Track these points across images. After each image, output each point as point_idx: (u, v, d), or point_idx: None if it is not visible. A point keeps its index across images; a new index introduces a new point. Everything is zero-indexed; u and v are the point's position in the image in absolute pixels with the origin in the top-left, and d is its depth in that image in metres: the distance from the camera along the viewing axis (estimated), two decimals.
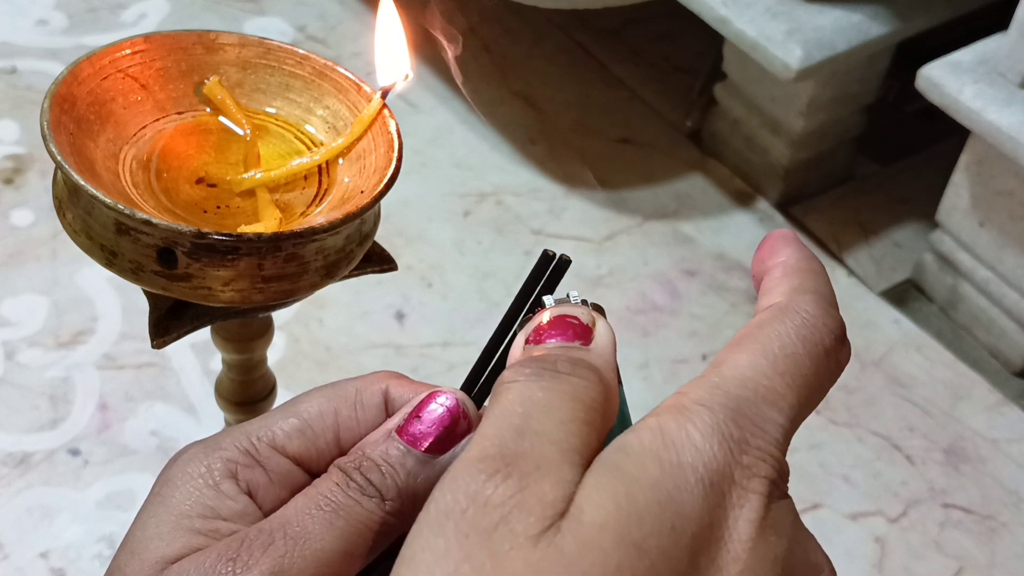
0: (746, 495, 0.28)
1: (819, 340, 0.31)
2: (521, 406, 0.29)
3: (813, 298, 0.32)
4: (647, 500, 0.27)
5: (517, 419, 0.28)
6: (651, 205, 1.24)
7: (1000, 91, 1.00)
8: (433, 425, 0.34)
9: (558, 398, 0.29)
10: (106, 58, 0.47)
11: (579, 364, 0.30)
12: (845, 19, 1.09)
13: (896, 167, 1.30)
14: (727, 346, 0.31)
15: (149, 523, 0.33)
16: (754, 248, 0.33)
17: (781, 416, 0.30)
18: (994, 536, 1.00)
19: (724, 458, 0.28)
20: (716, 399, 0.29)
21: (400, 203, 1.20)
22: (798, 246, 0.34)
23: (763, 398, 0.30)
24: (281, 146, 0.49)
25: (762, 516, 0.28)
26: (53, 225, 1.13)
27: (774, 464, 0.29)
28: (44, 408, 1.02)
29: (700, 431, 0.28)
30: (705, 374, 0.30)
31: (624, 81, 1.37)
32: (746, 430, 0.29)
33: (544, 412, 0.28)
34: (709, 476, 0.28)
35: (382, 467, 0.33)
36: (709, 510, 0.28)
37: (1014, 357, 1.11)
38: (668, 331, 1.12)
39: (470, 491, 0.27)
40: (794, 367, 0.30)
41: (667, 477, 0.28)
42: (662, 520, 0.27)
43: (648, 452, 0.28)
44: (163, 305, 0.47)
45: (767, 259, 0.34)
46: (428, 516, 0.27)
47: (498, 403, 0.29)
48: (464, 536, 0.27)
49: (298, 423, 0.35)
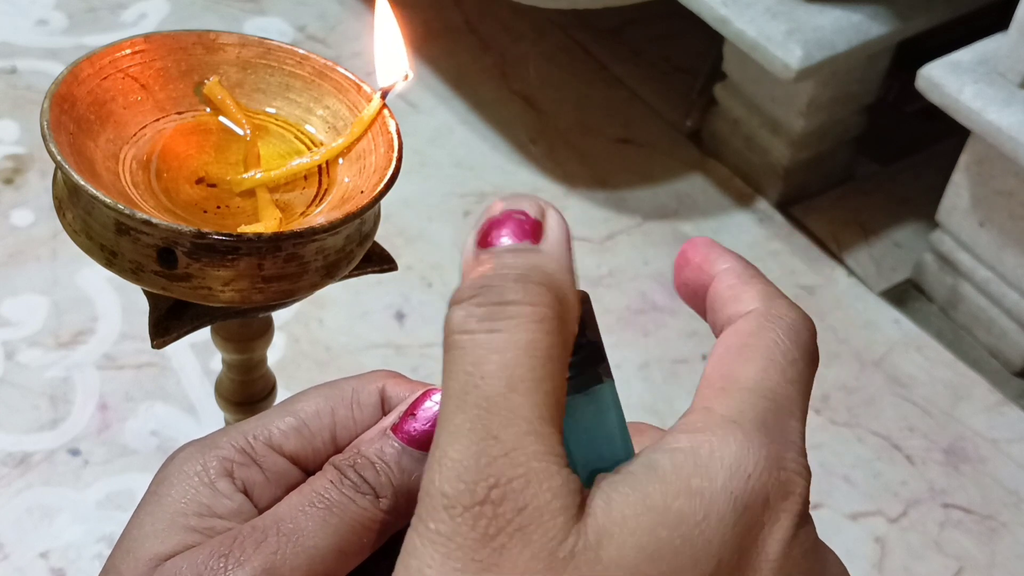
0: (777, 515, 0.28)
1: (806, 343, 0.31)
2: (482, 383, 0.27)
3: (786, 302, 0.32)
4: (669, 537, 0.27)
5: (483, 408, 0.27)
6: (651, 205, 1.24)
7: (1000, 91, 1.00)
8: (428, 423, 0.34)
9: (516, 360, 0.27)
10: (106, 58, 0.47)
11: (528, 281, 0.28)
12: (845, 19, 1.09)
13: (896, 167, 1.30)
14: (725, 356, 0.31)
15: (145, 521, 0.33)
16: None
17: (799, 423, 0.30)
18: (994, 536, 1.00)
19: (760, 479, 0.28)
20: (745, 415, 0.29)
21: (400, 203, 1.20)
22: (732, 252, 0.34)
23: (783, 408, 0.30)
24: (281, 146, 0.49)
25: (793, 535, 0.28)
26: (53, 225, 1.14)
27: (806, 476, 0.29)
28: (44, 408, 1.02)
29: (735, 453, 0.28)
30: (724, 386, 0.30)
31: (624, 81, 1.38)
32: (778, 444, 0.29)
33: (509, 389, 0.27)
34: (744, 500, 0.27)
35: (376, 465, 0.33)
36: (740, 536, 0.27)
37: (1014, 357, 1.11)
38: (668, 331, 1.12)
39: (468, 515, 0.26)
40: (798, 373, 0.30)
41: (698, 508, 0.27)
42: (686, 556, 0.27)
43: (680, 479, 0.27)
44: (163, 305, 0.47)
45: (702, 268, 0.33)
46: (425, 531, 0.27)
47: (452, 376, 0.27)
48: (468, 559, 0.26)
49: (295, 422, 0.35)
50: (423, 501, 0.27)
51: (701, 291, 0.34)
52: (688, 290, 0.34)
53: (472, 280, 0.28)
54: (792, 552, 0.28)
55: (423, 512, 0.27)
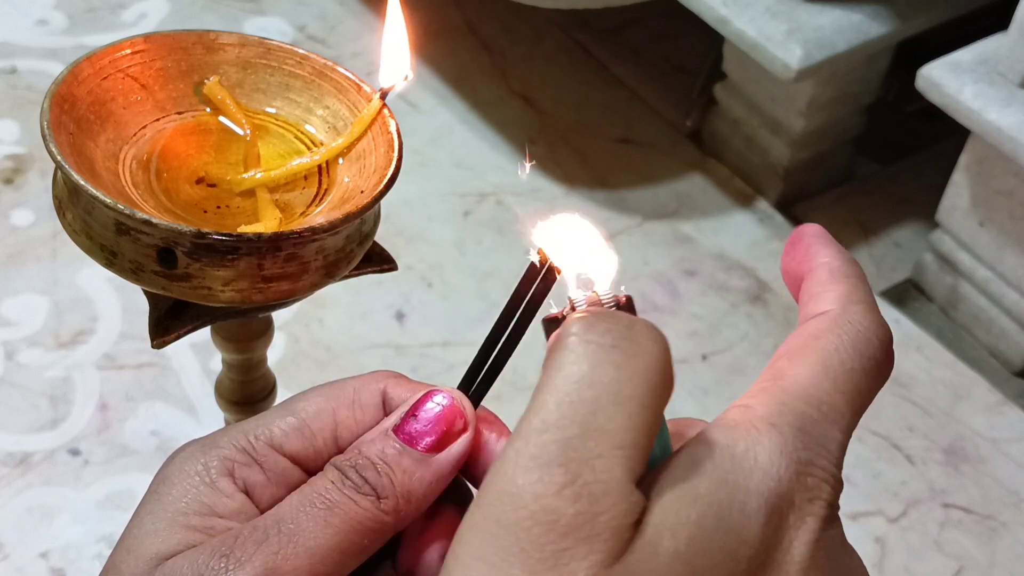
0: (804, 518, 0.28)
1: (873, 354, 0.31)
2: (590, 389, 0.27)
3: (864, 308, 0.31)
4: (714, 528, 0.27)
5: (584, 409, 0.27)
6: (651, 205, 1.24)
7: (1000, 91, 1.00)
8: (429, 424, 0.34)
9: (629, 381, 0.27)
10: (106, 58, 0.47)
11: (654, 331, 0.29)
12: (845, 19, 1.09)
13: (896, 167, 1.30)
14: (783, 354, 0.31)
15: (145, 520, 0.33)
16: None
17: (841, 434, 0.29)
18: (994, 536, 1.00)
19: (788, 482, 0.28)
20: (784, 418, 0.29)
21: (400, 203, 1.20)
22: (838, 247, 0.33)
23: (826, 416, 0.29)
24: (281, 146, 0.49)
25: (817, 538, 0.28)
26: (53, 225, 1.14)
27: (834, 484, 0.29)
28: (44, 408, 1.02)
29: (768, 452, 0.28)
30: (767, 387, 0.30)
31: (624, 81, 1.38)
32: (812, 450, 0.29)
33: (614, 402, 0.27)
34: (773, 500, 0.28)
35: (378, 465, 0.33)
36: (769, 534, 0.28)
37: (1014, 357, 1.11)
38: (668, 331, 1.11)
39: (535, 508, 0.26)
40: (852, 384, 0.30)
41: (735, 503, 0.27)
42: (725, 548, 0.27)
43: (719, 474, 0.28)
44: (163, 305, 0.47)
45: (803, 259, 0.33)
46: (482, 521, 0.27)
47: (562, 374, 0.28)
48: (526, 554, 0.26)
49: (296, 422, 0.35)
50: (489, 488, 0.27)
51: (798, 282, 0.33)
52: (789, 279, 0.34)
53: (594, 311, 0.29)
54: (817, 554, 0.28)
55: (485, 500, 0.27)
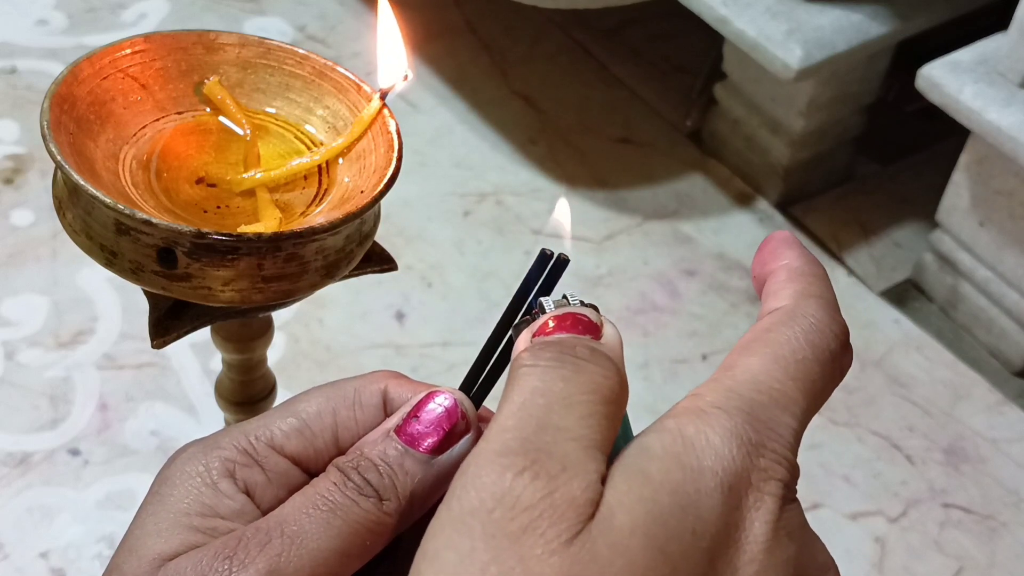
0: (762, 497, 0.29)
1: (826, 345, 0.31)
2: (542, 397, 0.29)
3: (819, 302, 0.32)
4: (671, 504, 0.28)
5: (538, 411, 0.28)
6: (651, 205, 1.24)
7: (1000, 91, 1.00)
8: (431, 425, 0.34)
9: (578, 390, 0.29)
10: (106, 58, 0.47)
11: (597, 353, 0.30)
12: (845, 19, 1.09)
13: (896, 167, 1.30)
14: (736, 348, 0.32)
15: (147, 521, 0.33)
16: (754, 248, 0.33)
17: (793, 420, 0.30)
18: (994, 536, 1.00)
19: (742, 461, 0.29)
20: (732, 403, 0.30)
21: (400, 203, 1.20)
22: (800, 249, 0.34)
23: (776, 402, 0.30)
24: (281, 146, 0.49)
25: (776, 518, 0.29)
26: (53, 225, 1.14)
27: (788, 467, 0.30)
28: (44, 408, 1.02)
29: (719, 435, 0.29)
30: (718, 377, 0.31)
31: (624, 81, 1.37)
32: (762, 434, 0.29)
33: (565, 406, 0.28)
34: (728, 479, 0.28)
35: (380, 467, 0.33)
36: (727, 513, 0.28)
37: (1014, 357, 1.11)
38: (668, 331, 1.12)
39: (496, 491, 0.27)
40: (804, 372, 0.31)
41: (688, 481, 0.28)
42: (684, 524, 0.28)
43: (670, 455, 0.28)
44: (163, 305, 0.47)
45: (769, 261, 0.34)
46: (451, 513, 0.27)
47: (517, 390, 0.29)
48: (491, 537, 0.27)
49: (296, 423, 0.35)
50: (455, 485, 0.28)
51: (761, 286, 0.34)
52: (757, 283, 0.35)
53: (540, 339, 0.30)
54: (778, 533, 0.29)
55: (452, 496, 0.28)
